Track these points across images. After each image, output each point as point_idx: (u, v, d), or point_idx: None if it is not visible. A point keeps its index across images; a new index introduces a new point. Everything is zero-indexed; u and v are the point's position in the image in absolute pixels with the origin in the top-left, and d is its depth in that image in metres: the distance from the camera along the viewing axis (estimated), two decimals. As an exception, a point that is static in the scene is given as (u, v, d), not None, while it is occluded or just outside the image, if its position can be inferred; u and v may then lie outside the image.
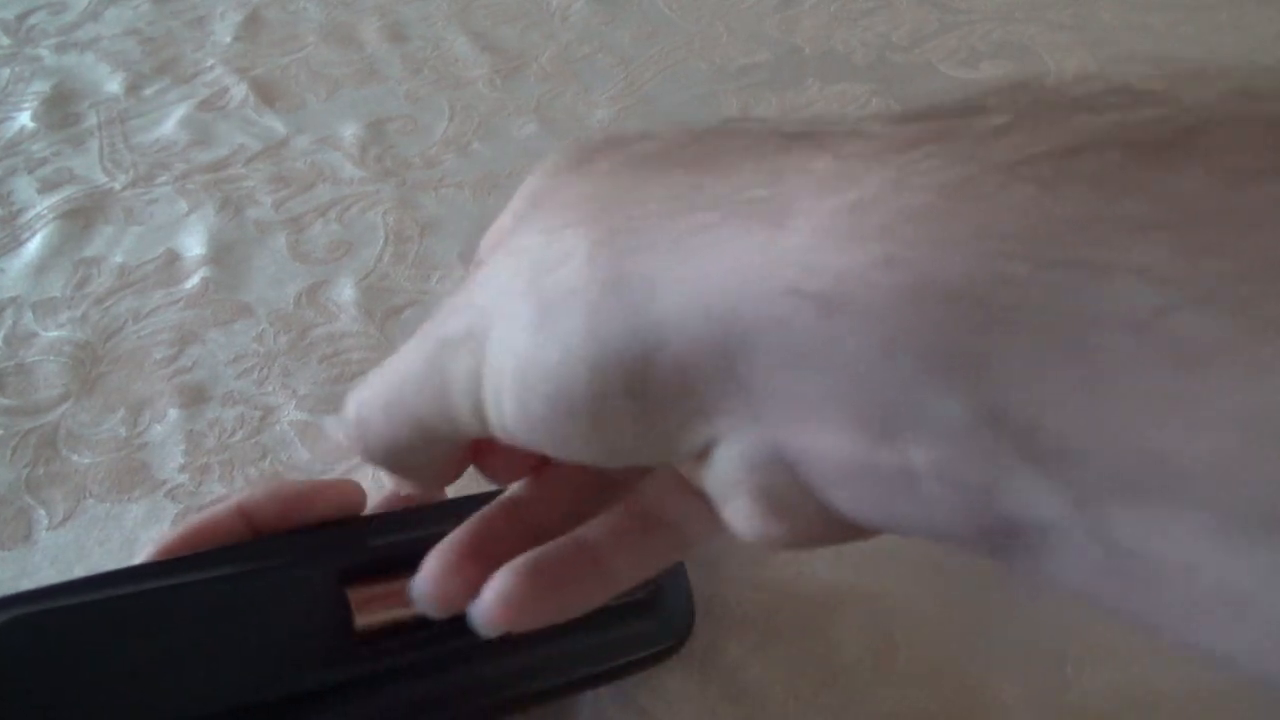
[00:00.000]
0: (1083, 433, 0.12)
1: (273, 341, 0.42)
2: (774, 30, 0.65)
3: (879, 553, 0.33)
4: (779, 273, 0.14)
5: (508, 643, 0.23)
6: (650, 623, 0.28)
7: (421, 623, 0.24)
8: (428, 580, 0.22)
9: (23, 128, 0.57)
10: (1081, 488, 0.12)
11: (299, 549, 0.26)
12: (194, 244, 0.48)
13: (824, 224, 0.14)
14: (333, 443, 0.38)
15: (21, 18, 0.68)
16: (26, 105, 0.59)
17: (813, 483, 0.16)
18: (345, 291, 0.45)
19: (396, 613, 0.25)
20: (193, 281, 0.46)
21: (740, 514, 0.17)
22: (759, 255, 0.15)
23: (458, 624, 0.20)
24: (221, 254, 0.47)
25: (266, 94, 0.60)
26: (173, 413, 0.39)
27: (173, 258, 0.47)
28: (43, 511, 0.35)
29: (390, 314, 0.44)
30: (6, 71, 0.62)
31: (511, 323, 0.18)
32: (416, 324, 0.44)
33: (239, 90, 0.60)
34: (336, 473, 0.37)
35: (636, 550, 0.23)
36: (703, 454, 0.17)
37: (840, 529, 0.17)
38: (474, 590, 0.21)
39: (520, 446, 0.19)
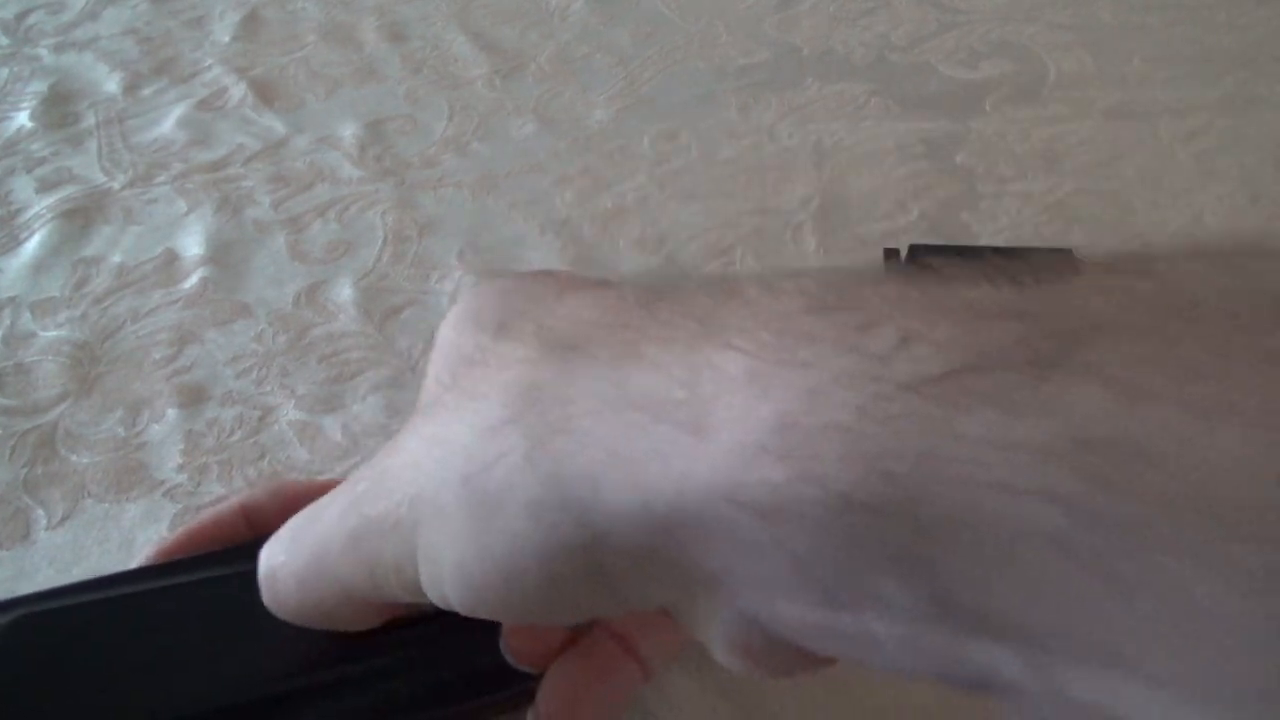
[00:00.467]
0: (1027, 621, 0.13)
1: (271, 341, 0.42)
2: (773, 30, 0.65)
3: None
4: (713, 481, 0.15)
5: (499, 638, 0.24)
6: None
7: (416, 619, 0.24)
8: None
9: (21, 127, 0.57)
10: (1033, 658, 0.13)
11: None
12: (193, 244, 0.48)
13: (748, 439, 0.14)
14: (331, 443, 0.38)
15: (20, 17, 0.68)
16: (25, 105, 0.59)
17: (783, 637, 0.16)
18: (344, 291, 0.45)
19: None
20: (191, 281, 0.46)
21: (719, 654, 0.18)
22: (690, 463, 0.15)
23: (451, 621, 0.20)
24: (220, 254, 0.47)
25: (265, 94, 0.60)
26: (171, 413, 0.39)
27: (171, 257, 0.47)
28: (41, 511, 0.35)
29: (389, 314, 0.44)
30: (5, 71, 0.62)
31: (445, 520, 0.18)
32: (416, 324, 0.44)
33: (238, 90, 0.60)
34: (336, 473, 0.37)
35: (655, 633, 0.25)
36: (662, 609, 0.18)
37: (819, 661, 0.17)
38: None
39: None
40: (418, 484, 0.19)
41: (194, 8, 0.69)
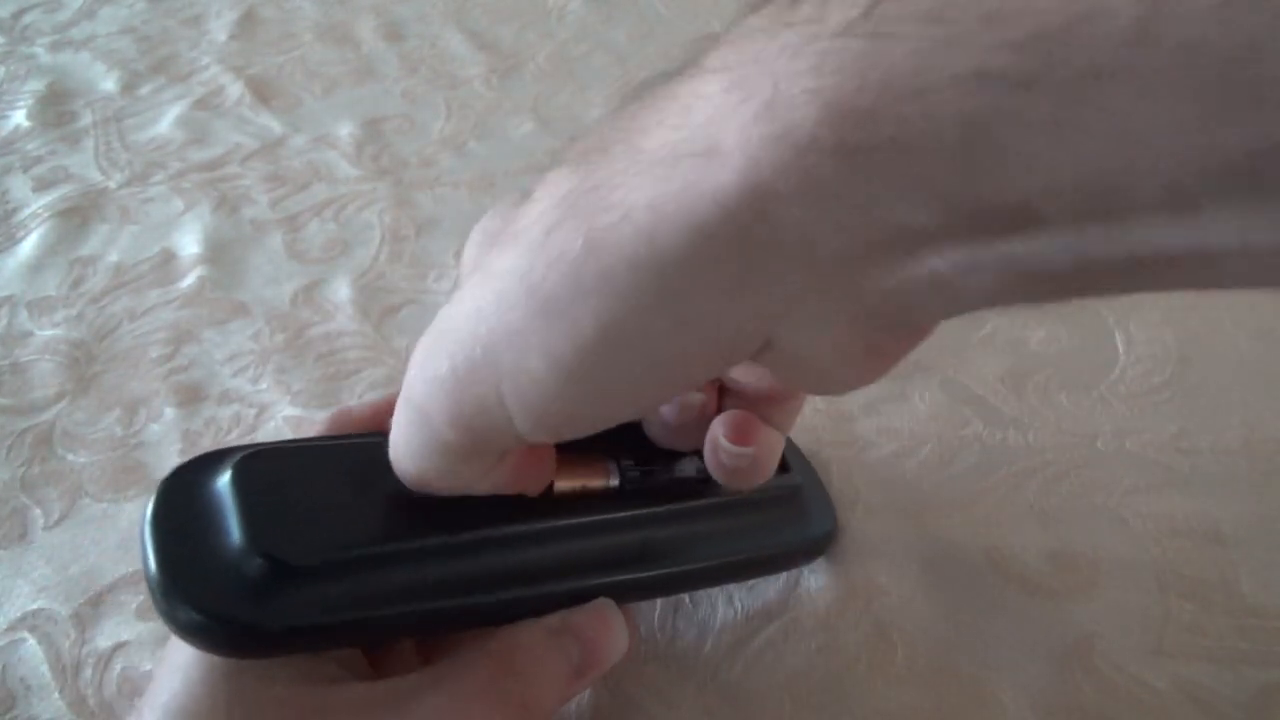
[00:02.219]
0: (1022, 195, 0.15)
1: (269, 340, 0.42)
2: (770, 29, 0.65)
3: (877, 552, 0.33)
4: (741, 184, 0.16)
5: (676, 514, 0.28)
6: (794, 513, 0.32)
7: (606, 493, 0.28)
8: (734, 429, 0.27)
9: (17, 126, 0.57)
10: (1063, 231, 0.15)
11: None
12: (190, 243, 0.48)
13: (748, 137, 0.16)
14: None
15: (16, 16, 0.68)
16: (21, 104, 0.59)
17: (875, 316, 0.18)
18: (341, 290, 0.45)
19: (587, 482, 0.28)
20: (188, 280, 0.46)
21: (831, 365, 0.20)
22: (716, 179, 0.17)
23: (635, 497, 0.26)
24: (217, 253, 0.47)
25: (262, 93, 0.60)
26: (169, 411, 0.39)
27: (168, 256, 0.47)
28: (39, 511, 0.35)
29: (387, 313, 0.44)
30: (1, 70, 0.62)
31: (523, 338, 0.19)
32: (413, 324, 0.44)
33: (235, 89, 0.60)
34: None
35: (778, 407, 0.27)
36: (764, 345, 0.19)
37: (918, 337, 0.21)
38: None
39: (561, 440, 0.22)
40: (484, 323, 0.20)
41: (191, 6, 0.69)
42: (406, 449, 0.23)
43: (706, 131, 0.17)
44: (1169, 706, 0.28)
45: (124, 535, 0.34)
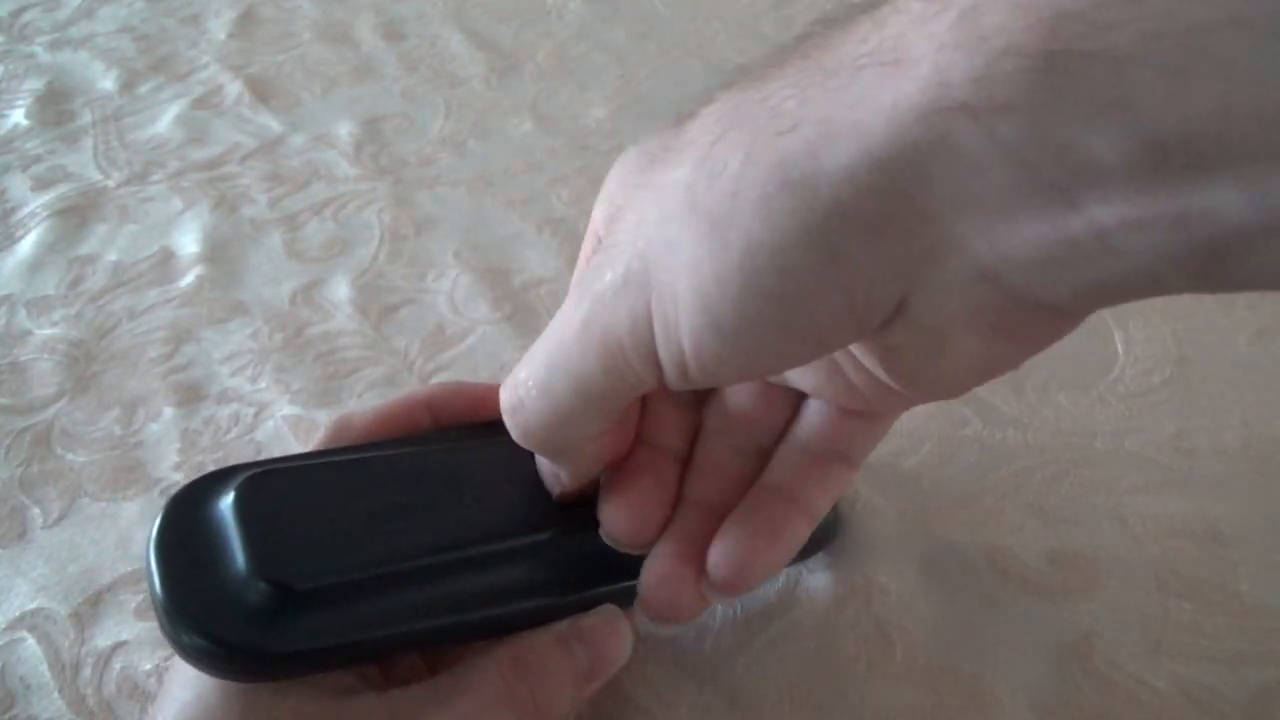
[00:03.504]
0: (1228, 135, 0.13)
1: (268, 340, 0.42)
2: (769, 28, 0.65)
3: (876, 552, 0.33)
4: (922, 97, 0.15)
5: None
6: None
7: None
8: (660, 590, 0.24)
9: (16, 125, 0.57)
10: (1249, 178, 0.13)
11: (499, 431, 0.29)
12: (189, 242, 0.48)
13: (941, 45, 0.15)
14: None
15: (15, 14, 0.68)
16: (20, 103, 0.59)
17: (1019, 284, 0.17)
18: (340, 290, 0.45)
19: (587, 489, 0.27)
20: (187, 280, 0.46)
21: (962, 332, 0.18)
22: (897, 90, 0.16)
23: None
24: (216, 252, 0.47)
25: (261, 92, 0.60)
26: (167, 411, 0.39)
27: (167, 256, 0.47)
28: (37, 510, 0.35)
29: (386, 312, 0.44)
30: (0, 69, 0.62)
31: (678, 252, 0.19)
32: (413, 323, 0.44)
33: (234, 88, 0.60)
34: None
35: (821, 481, 0.25)
36: (897, 310, 0.18)
37: (1060, 323, 0.18)
38: (698, 579, 0.24)
39: (693, 387, 0.21)
40: (644, 235, 0.20)
41: (190, 5, 0.69)
42: (546, 376, 0.22)
43: (897, 42, 0.16)
44: (1168, 706, 0.28)
45: (123, 534, 0.34)
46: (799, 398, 0.27)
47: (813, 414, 0.26)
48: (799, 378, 0.25)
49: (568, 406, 0.22)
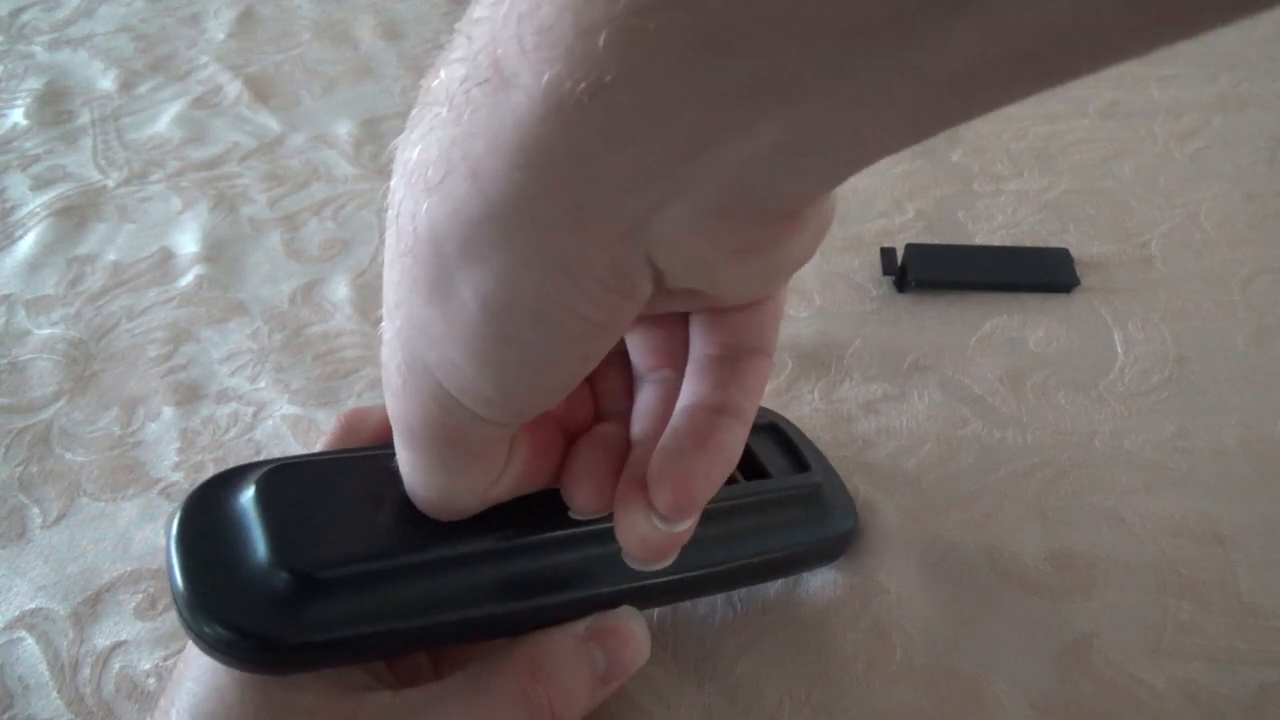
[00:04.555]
0: None
1: (267, 339, 0.42)
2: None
3: (876, 552, 0.33)
4: (538, 108, 0.15)
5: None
6: (815, 512, 0.31)
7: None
8: (626, 531, 0.23)
9: (15, 125, 0.57)
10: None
11: None
12: (188, 242, 0.48)
13: (535, 60, 0.15)
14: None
15: (14, 14, 0.68)
16: (19, 102, 0.59)
17: (730, 210, 0.17)
18: (340, 290, 0.45)
19: None
20: (186, 279, 0.46)
21: (729, 274, 0.19)
22: (521, 108, 0.15)
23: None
24: (215, 252, 0.47)
25: (261, 91, 0.60)
26: (167, 410, 0.39)
27: (166, 255, 0.47)
28: (36, 510, 0.35)
29: (385, 312, 0.43)
30: (0, 68, 0.62)
31: (424, 324, 0.19)
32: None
33: (233, 88, 0.60)
34: None
35: (737, 378, 0.24)
36: (656, 277, 0.18)
37: (787, 228, 0.19)
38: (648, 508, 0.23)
39: (526, 414, 0.21)
40: (394, 327, 0.20)
41: (189, 5, 0.69)
42: (415, 476, 0.23)
43: (488, 53, 0.16)
44: (1167, 706, 0.28)
45: (122, 534, 0.34)
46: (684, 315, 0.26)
47: (699, 321, 0.25)
48: (664, 305, 0.24)
49: (448, 483, 0.23)
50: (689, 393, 0.25)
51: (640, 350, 0.26)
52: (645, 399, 0.26)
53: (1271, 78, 0.59)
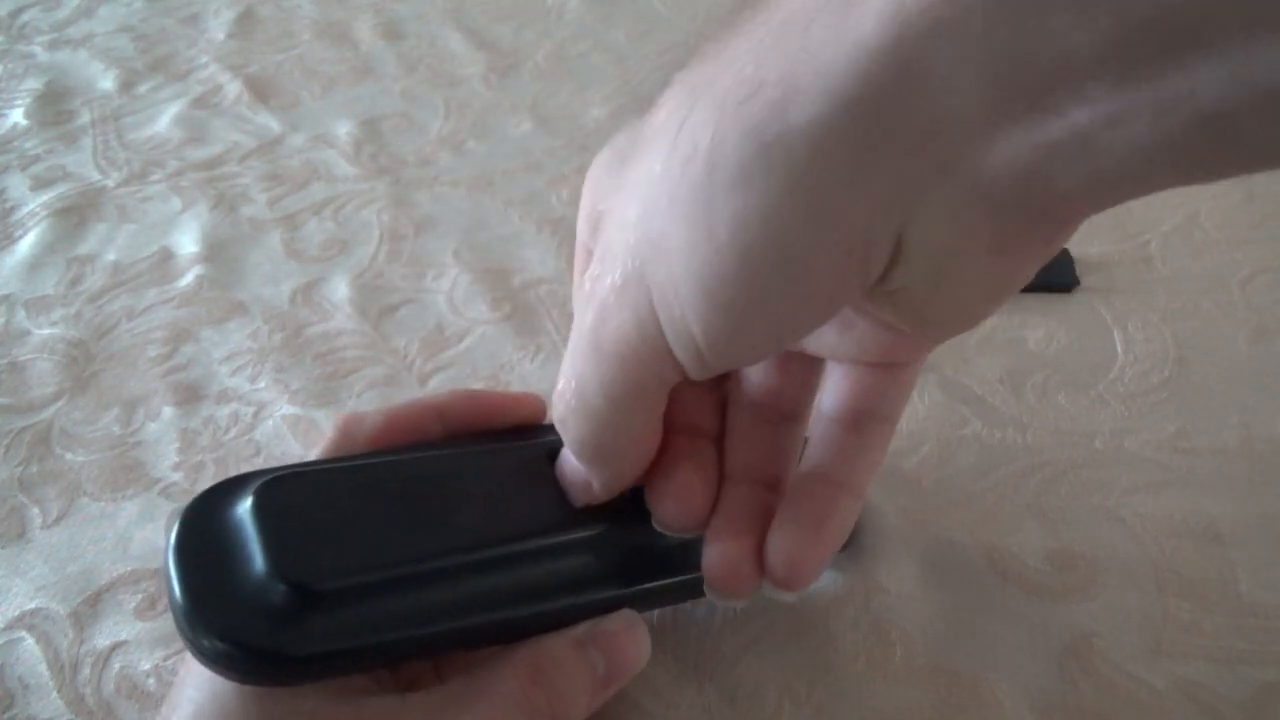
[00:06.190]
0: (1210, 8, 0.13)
1: (267, 339, 0.42)
2: (769, 29, 0.65)
3: (876, 551, 0.33)
4: (882, 30, 0.15)
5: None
6: None
7: (625, 502, 0.27)
8: (723, 570, 0.24)
9: (15, 125, 0.57)
10: (1228, 53, 0.13)
11: (512, 437, 0.28)
12: (188, 242, 0.48)
13: None
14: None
15: (14, 14, 0.68)
16: (19, 102, 0.59)
17: (1007, 198, 0.17)
18: (340, 290, 0.45)
19: None
20: (186, 279, 0.46)
21: (963, 274, 0.18)
22: (857, 29, 0.15)
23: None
24: (215, 252, 0.47)
25: (260, 91, 0.60)
26: (167, 410, 0.39)
27: (166, 255, 0.47)
28: (36, 510, 0.35)
29: (385, 312, 0.44)
30: (-1, 68, 0.62)
31: (666, 242, 0.19)
32: (412, 322, 0.43)
33: (233, 87, 0.60)
34: None
35: (861, 450, 0.25)
36: (896, 251, 0.18)
37: (1046, 235, 0.18)
38: (755, 554, 0.24)
39: (713, 374, 0.21)
40: (630, 235, 0.20)
41: (189, 5, 0.69)
42: (578, 387, 0.23)
43: None
44: (1167, 706, 0.28)
45: (122, 534, 0.34)
46: (818, 361, 0.27)
47: (837, 377, 0.26)
48: (814, 342, 0.25)
49: (603, 413, 0.23)
50: (815, 457, 0.25)
51: (751, 378, 0.27)
52: (742, 431, 0.27)
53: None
